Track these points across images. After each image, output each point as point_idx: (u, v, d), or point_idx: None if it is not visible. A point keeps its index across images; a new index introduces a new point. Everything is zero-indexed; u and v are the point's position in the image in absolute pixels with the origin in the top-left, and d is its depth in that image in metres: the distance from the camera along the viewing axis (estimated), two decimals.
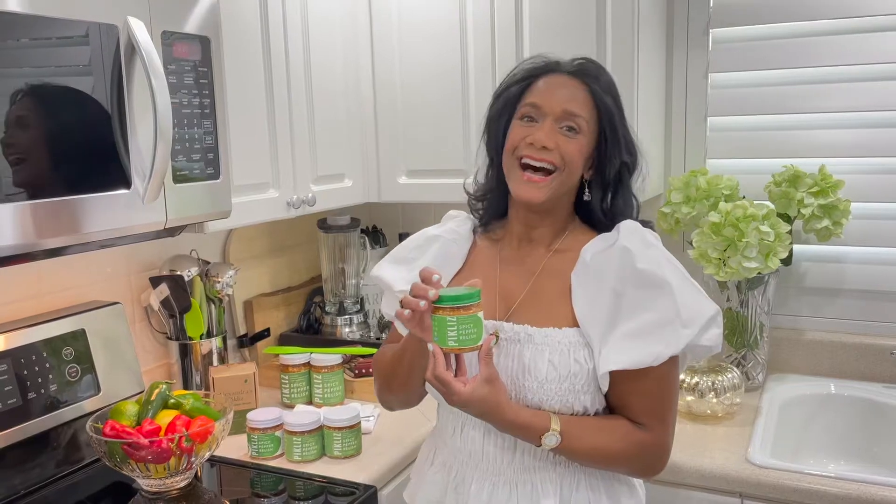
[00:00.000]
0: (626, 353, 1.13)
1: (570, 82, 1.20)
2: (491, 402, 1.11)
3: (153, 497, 1.45)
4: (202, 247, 1.96)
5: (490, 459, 1.21)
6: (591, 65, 1.24)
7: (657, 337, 1.13)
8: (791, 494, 1.51)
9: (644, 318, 1.14)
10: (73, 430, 1.57)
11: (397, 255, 1.36)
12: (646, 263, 1.15)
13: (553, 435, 1.13)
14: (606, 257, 1.18)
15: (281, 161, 1.75)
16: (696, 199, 1.99)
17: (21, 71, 1.12)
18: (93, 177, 1.22)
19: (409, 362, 1.24)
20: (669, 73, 2.13)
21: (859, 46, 1.95)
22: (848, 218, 1.94)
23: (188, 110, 1.38)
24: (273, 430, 1.65)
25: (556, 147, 1.17)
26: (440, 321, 1.08)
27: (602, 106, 1.19)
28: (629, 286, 1.15)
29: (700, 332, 1.13)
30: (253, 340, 2.12)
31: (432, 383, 1.11)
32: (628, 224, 1.21)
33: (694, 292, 1.16)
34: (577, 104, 1.18)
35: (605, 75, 1.24)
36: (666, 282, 1.14)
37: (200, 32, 1.40)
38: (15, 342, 1.49)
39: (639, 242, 1.18)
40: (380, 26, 2.00)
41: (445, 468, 1.28)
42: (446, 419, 1.28)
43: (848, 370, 2.03)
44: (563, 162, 1.17)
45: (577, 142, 1.18)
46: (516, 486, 1.20)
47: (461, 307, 1.08)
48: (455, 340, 1.08)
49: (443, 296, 1.08)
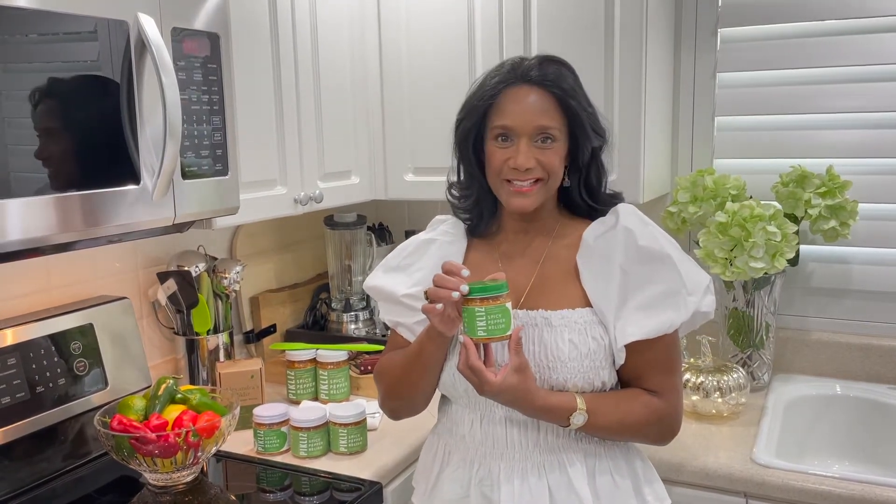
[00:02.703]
0: (640, 325, 1.20)
1: (536, 93, 1.22)
2: (521, 390, 1.15)
3: (160, 491, 1.45)
4: (209, 243, 1.97)
5: (516, 447, 1.24)
6: (550, 67, 1.24)
7: (667, 305, 1.20)
8: (795, 495, 1.50)
9: (653, 290, 1.21)
10: (81, 423, 1.58)
11: (390, 263, 1.37)
12: (646, 240, 1.22)
13: (581, 414, 1.18)
14: (610, 238, 1.24)
15: (288, 158, 1.76)
16: (703, 199, 1.99)
17: (30, 66, 1.12)
18: (102, 172, 1.23)
19: (426, 360, 1.25)
20: (677, 73, 2.13)
21: (868, 47, 1.94)
22: (855, 219, 1.93)
23: (197, 107, 1.38)
24: (279, 425, 1.65)
25: (536, 164, 1.21)
26: (469, 312, 1.11)
27: (569, 111, 1.22)
28: (634, 263, 1.22)
29: (701, 299, 1.22)
30: (259, 336, 2.13)
31: (465, 373, 1.13)
32: (625, 207, 1.28)
33: (691, 263, 1.24)
34: (547, 117, 1.21)
35: (565, 77, 1.24)
36: (668, 255, 1.21)
37: (210, 29, 1.40)
38: (23, 336, 1.49)
39: (638, 222, 1.25)
40: (388, 24, 2.01)
41: (466, 464, 1.28)
42: (460, 415, 1.29)
43: (853, 371, 2.02)
44: (547, 172, 1.23)
45: (554, 150, 1.22)
46: (544, 468, 1.24)
47: (490, 297, 1.10)
48: (484, 331, 1.10)
49: (471, 287, 1.10)
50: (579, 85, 1.25)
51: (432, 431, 1.39)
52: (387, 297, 1.35)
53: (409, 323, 1.32)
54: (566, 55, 1.29)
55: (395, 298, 1.32)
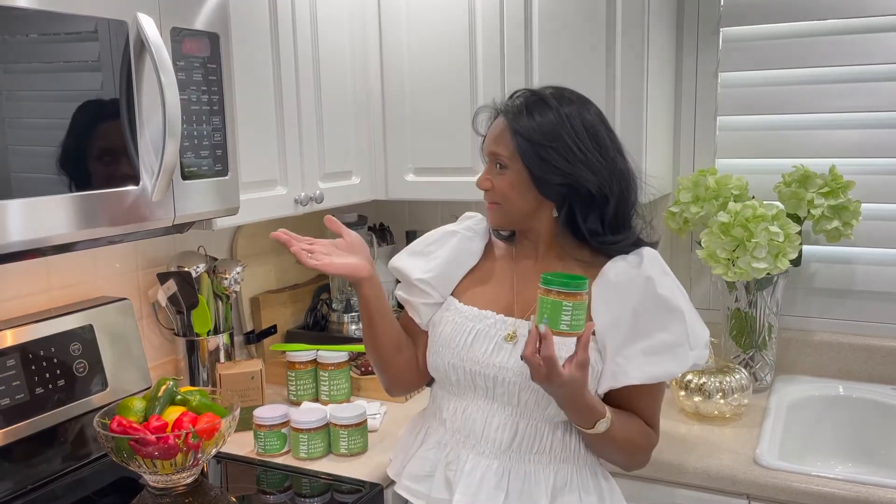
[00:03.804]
0: (642, 369, 1.25)
1: (500, 123, 1.31)
2: (580, 386, 1.18)
3: (160, 493, 1.45)
4: (210, 243, 1.96)
5: (489, 442, 1.28)
6: (518, 101, 1.31)
7: (670, 356, 1.25)
8: (798, 496, 1.50)
9: (660, 338, 1.25)
10: (81, 425, 1.57)
11: (415, 248, 1.45)
12: (665, 290, 1.26)
13: (606, 422, 1.23)
14: (631, 279, 1.27)
15: (289, 158, 1.75)
16: (705, 199, 1.98)
17: (30, 67, 1.12)
18: (101, 173, 1.22)
19: (369, 311, 1.35)
20: (679, 72, 2.12)
21: (871, 46, 1.93)
22: (858, 219, 1.92)
23: (197, 107, 1.38)
24: (279, 427, 1.65)
25: (491, 186, 1.31)
26: (555, 304, 1.12)
27: (516, 142, 1.27)
28: (650, 308, 1.26)
29: (699, 354, 1.28)
30: (260, 337, 2.12)
31: (533, 361, 1.14)
32: (650, 252, 1.30)
33: (697, 318, 1.30)
34: (500, 145, 1.30)
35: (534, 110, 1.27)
36: (680, 309, 1.26)
37: (210, 29, 1.40)
38: (23, 337, 1.49)
39: (659, 270, 1.29)
40: (388, 23, 2.00)
41: (440, 446, 1.33)
42: (446, 401, 1.35)
43: (856, 372, 2.02)
44: (500, 196, 1.31)
45: (505, 177, 1.30)
46: (509, 473, 1.27)
47: (576, 293, 1.12)
48: (567, 325, 1.13)
49: (557, 278, 1.12)
50: (567, 121, 1.26)
51: (419, 413, 1.46)
52: (404, 278, 1.42)
53: (416, 303, 1.41)
54: (567, 54, 1.29)
55: (410, 281, 1.40)
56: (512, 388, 1.26)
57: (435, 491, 1.31)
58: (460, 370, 1.31)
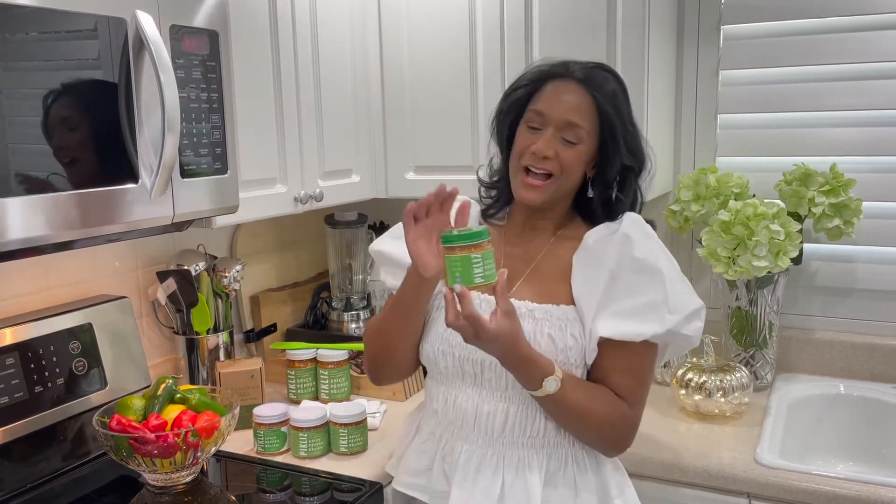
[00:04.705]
0: (611, 328, 1.22)
1: (576, 90, 1.25)
2: (512, 335, 1.15)
3: (159, 491, 1.45)
4: (209, 241, 1.96)
5: (481, 431, 1.27)
6: (599, 72, 1.27)
7: (644, 317, 1.21)
8: (799, 495, 1.49)
9: (635, 301, 1.22)
10: (80, 423, 1.57)
11: (397, 232, 1.38)
12: (643, 252, 1.23)
13: (555, 381, 1.18)
14: (607, 242, 1.26)
15: (288, 156, 1.75)
16: (706, 197, 1.98)
17: (29, 65, 1.11)
18: (100, 171, 1.22)
19: (405, 305, 1.28)
20: (680, 70, 2.12)
21: (872, 44, 1.93)
22: (859, 217, 1.92)
23: (196, 105, 1.38)
24: (279, 425, 1.65)
25: (555, 156, 1.24)
26: (463, 259, 1.09)
27: (604, 116, 1.24)
28: (625, 270, 1.23)
29: (684, 321, 1.22)
30: (259, 336, 2.12)
31: (458, 324, 1.12)
32: (632, 216, 1.28)
33: (683, 285, 1.25)
34: (579, 115, 1.23)
35: (612, 84, 1.27)
36: (659, 270, 1.22)
37: (209, 26, 1.39)
38: (22, 336, 1.49)
39: (639, 232, 1.26)
40: (388, 22, 2.00)
41: (434, 438, 1.33)
42: (436, 391, 1.34)
43: (857, 370, 2.01)
44: (562, 169, 1.24)
45: (575, 151, 1.24)
46: (503, 459, 1.26)
47: (480, 243, 1.09)
48: (482, 277, 1.10)
49: (457, 234, 1.10)
50: (626, 101, 1.28)
51: (416, 407, 1.45)
52: (389, 262, 1.39)
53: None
54: (568, 52, 1.28)
55: (395, 263, 1.36)
56: (499, 372, 1.25)
57: (434, 483, 1.32)
58: (449, 356, 1.29)
